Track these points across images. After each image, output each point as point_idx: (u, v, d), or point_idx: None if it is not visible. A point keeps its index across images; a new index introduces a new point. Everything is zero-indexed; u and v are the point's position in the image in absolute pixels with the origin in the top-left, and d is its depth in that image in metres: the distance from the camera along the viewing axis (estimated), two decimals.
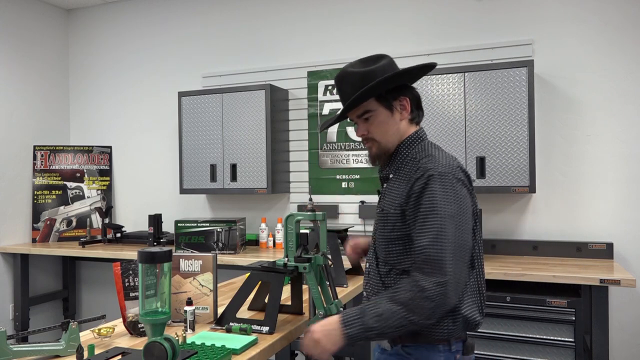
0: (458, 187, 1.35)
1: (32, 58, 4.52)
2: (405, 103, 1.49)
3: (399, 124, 1.50)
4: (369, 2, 3.77)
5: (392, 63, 1.50)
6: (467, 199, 1.38)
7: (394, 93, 1.47)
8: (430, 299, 1.27)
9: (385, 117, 1.48)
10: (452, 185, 1.34)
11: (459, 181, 1.37)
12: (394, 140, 1.50)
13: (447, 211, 1.32)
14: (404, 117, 1.50)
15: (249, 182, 3.75)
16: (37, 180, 4.44)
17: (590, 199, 3.22)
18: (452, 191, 1.34)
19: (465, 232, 1.34)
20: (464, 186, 1.38)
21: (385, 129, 1.49)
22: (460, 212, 1.33)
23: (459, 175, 1.38)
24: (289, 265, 1.66)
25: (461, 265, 1.32)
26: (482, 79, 3.13)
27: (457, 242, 1.31)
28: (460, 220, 1.33)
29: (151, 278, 1.20)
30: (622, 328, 3.13)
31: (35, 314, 4.41)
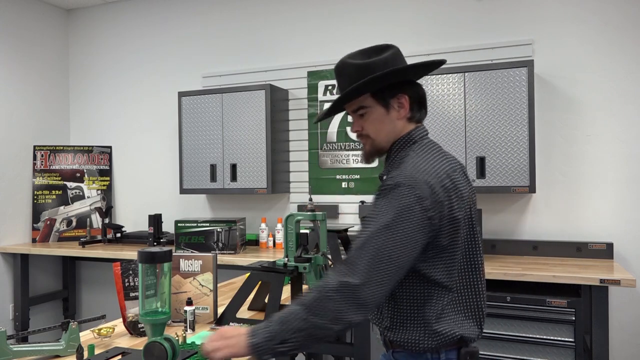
0: (408, 201, 1.24)
1: (32, 58, 4.52)
2: (404, 101, 1.40)
3: (395, 122, 1.41)
4: (369, 2, 3.77)
5: (396, 56, 1.41)
6: (414, 213, 1.24)
7: (392, 90, 1.39)
8: (332, 299, 1.19)
9: (381, 114, 1.41)
10: (400, 197, 1.25)
11: (413, 195, 1.25)
12: (389, 139, 1.43)
13: (381, 221, 1.24)
14: (401, 115, 1.41)
15: (249, 182, 3.75)
16: (37, 180, 4.44)
17: (590, 199, 3.22)
18: (397, 203, 1.24)
19: (396, 246, 1.22)
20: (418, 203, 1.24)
21: (379, 127, 1.42)
22: (397, 224, 1.23)
23: (417, 190, 1.25)
24: (289, 265, 1.66)
25: (379, 275, 1.21)
26: (482, 79, 3.13)
27: (382, 253, 1.21)
28: (395, 233, 1.23)
29: (151, 278, 1.20)
30: (622, 328, 3.13)
31: (35, 314, 4.41)
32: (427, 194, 1.25)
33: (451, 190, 1.30)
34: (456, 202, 1.30)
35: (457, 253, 1.32)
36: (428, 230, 1.26)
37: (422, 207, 1.24)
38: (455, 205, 1.30)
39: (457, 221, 1.30)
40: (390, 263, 1.22)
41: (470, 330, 1.34)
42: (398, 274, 1.24)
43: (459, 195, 1.32)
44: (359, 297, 1.20)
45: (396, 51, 1.42)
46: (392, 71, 1.36)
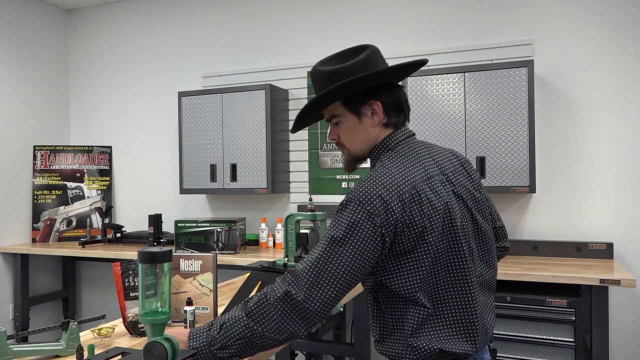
0: (358, 216, 1.21)
1: (32, 58, 4.52)
2: (376, 107, 1.34)
3: (369, 130, 1.36)
4: (369, 2, 3.77)
5: (370, 59, 1.33)
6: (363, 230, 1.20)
7: (363, 96, 1.33)
8: (275, 307, 1.20)
9: (353, 122, 1.36)
10: (351, 213, 1.22)
11: (364, 212, 1.21)
12: (365, 147, 1.38)
13: (331, 237, 1.22)
14: (375, 122, 1.35)
15: (249, 182, 3.75)
16: (37, 180, 4.44)
17: (590, 199, 3.22)
18: (348, 219, 1.22)
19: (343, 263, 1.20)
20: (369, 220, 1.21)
21: (352, 136, 1.38)
22: (345, 241, 1.20)
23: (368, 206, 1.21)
24: (289, 265, 1.66)
25: (322, 291, 1.19)
26: (482, 79, 3.13)
27: (327, 269, 1.20)
28: (343, 250, 1.20)
29: (151, 278, 1.20)
30: (622, 328, 3.13)
31: (35, 314, 4.41)
32: (380, 210, 1.21)
33: (414, 203, 1.24)
34: (418, 215, 1.23)
35: (422, 268, 1.25)
36: (380, 247, 1.22)
37: (373, 224, 1.21)
38: (417, 218, 1.23)
39: (421, 235, 1.24)
40: (335, 279, 1.20)
41: (456, 345, 1.26)
42: (344, 289, 1.22)
43: (429, 205, 1.25)
44: (301, 310, 1.19)
45: (369, 54, 1.34)
46: (353, 80, 1.29)
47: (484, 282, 1.38)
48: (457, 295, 1.28)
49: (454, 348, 1.26)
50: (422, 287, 1.26)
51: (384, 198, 1.22)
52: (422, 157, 1.35)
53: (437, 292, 1.27)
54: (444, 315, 1.28)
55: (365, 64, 1.32)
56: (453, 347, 1.26)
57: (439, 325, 1.27)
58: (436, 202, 1.27)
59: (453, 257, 1.28)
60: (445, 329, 1.27)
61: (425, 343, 1.26)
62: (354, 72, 1.30)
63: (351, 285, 1.23)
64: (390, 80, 1.38)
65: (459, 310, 1.28)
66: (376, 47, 1.37)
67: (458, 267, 1.28)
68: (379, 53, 1.37)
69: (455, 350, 1.26)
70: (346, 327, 3.56)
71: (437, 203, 1.27)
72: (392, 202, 1.22)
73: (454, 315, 1.28)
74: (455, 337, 1.27)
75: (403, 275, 1.26)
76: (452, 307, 1.28)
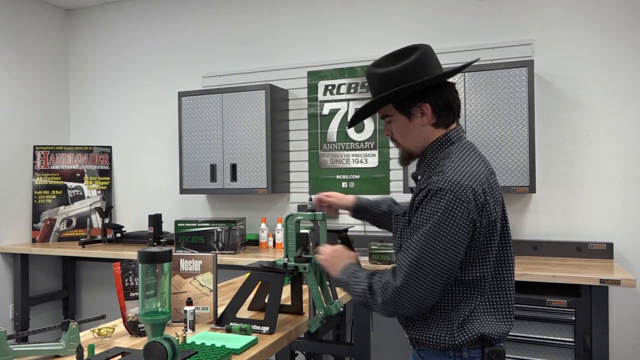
0: (452, 206, 1.28)
1: (32, 58, 4.52)
2: (425, 109, 1.41)
3: (420, 129, 1.44)
4: (369, 3, 3.77)
5: (419, 61, 1.40)
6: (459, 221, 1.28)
7: (412, 99, 1.41)
8: (379, 294, 1.34)
9: (403, 122, 1.45)
10: (444, 202, 1.28)
11: (457, 200, 1.28)
12: (417, 145, 1.46)
13: (427, 227, 1.29)
14: (425, 122, 1.43)
15: (249, 182, 3.75)
16: (37, 180, 4.44)
17: (590, 199, 3.22)
18: (441, 207, 1.28)
19: (440, 250, 1.28)
20: (462, 206, 1.28)
21: (404, 134, 1.46)
22: (441, 229, 1.28)
23: (461, 194, 1.28)
24: (289, 265, 1.66)
25: (419, 279, 1.29)
26: (482, 79, 3.13)
27: (424, 257, 1.28)
28: (438, 237, 1.28)
29: (151, 278, 1.20)
30: (622, 328, 3.13)
31: (35, 314, 4.41)
32: (470, 198, 1.29)
33: (489, 194, 1.34)
34: (493, 206, 1.34)
35: (491, 255, 1.36)
36: (471, 233, 1.31)
37: (466, 211, 1.29)
38: (492, 208, 1.34)
39: (494, 224, 1.35)
40: (432, 267, 1.28)
41: (496, 328, 1.36)
42: (442, 277, 1.30)
43: (495, 198, 1.36)
44: (399, 298, 1.30)
45: (420, 55, 1.42)
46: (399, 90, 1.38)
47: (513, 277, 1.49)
48: (502, 280, 1.40)
49: (491, 331, 1.36)
50: (486, 274, 1.36)
51: (472, 187, 1.31)
52: (479, 155, 1.45)
53: (491, 278, 1.38)
54: (490, 299, 1.38)
55: (414, 67, 1.40)
56: (491, 329, 1.36)
57: (486, 310, 1.37)
58: (498, 196, 1.39)
59: (503, 244, 1.40)
60: (490, 314, 1.37)
61: (474, 328, 1.35)
62: (403, 76, 1.39)
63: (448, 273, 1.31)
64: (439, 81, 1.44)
65: (502, 293, 1.39)
66: (427, 47, 1.45)
67: (505, 253, 1.40)
68: (430, 53, 1.45)
69: (493, 333, 1.36)
70: (346, 327, 3.56)
71: (499, 198, 1.39)
72: (478, 190, 1.31)
73: (498, 299, 1.39)
74: (495, 320, 1.38)
75: (477, 263, 1.35)
76: (497, 291, 1.39)
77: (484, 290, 1.37)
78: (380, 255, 3.10)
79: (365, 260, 3.08)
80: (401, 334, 3.62)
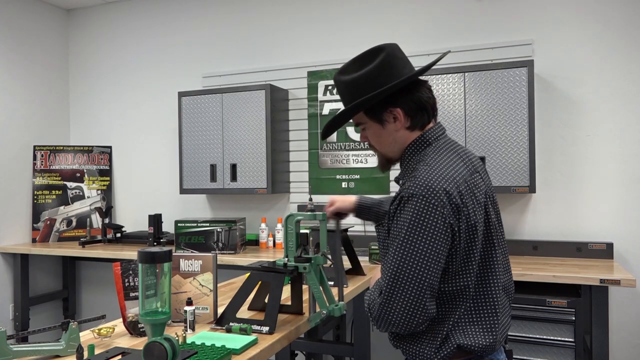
0: (425, 212, 1.22)
1: (32, 58, 4.52)
2: (397, 114, 1.36)
3: (395, 134, 1.39)
4: (369, 3, 3.77)
5: (385, 63, 1.35)
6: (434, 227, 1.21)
7: (382, 105, 1.36)
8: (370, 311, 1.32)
9: (377, 129, 1.40)
10: (417, 208, 1.22)
11: (430, 205, 1.22)
12: (394, 150, 1.42)
13: (402, 238, 1.24)
14: (398, 127, 1.38)
15: (249, 182, 3.75)
16: (37, 180, 4.44)
17: (590, 199, 3.22)
18: (414, 215, 1.22)
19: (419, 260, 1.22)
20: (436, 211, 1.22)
21: (379, 140, 1.43)
22: (416, 238, 1.22)
23: (434, 199, 1.22)
24: (289, 265, 1.66)
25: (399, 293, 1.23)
26: (482, 79, 3.13)
27: (403, 270, 1.23)
28: (415, 247, 1.22)
29: (151, 278, 1.20)
30: (622, 328, 3.13)
31: (35, 314, 4.41)
32: (445, 201, 1.22)
33: (466, 196, 1.26)
34: (472, 208, 1.27)
35: (474, 261, 1.28)
36: (450, 239, 1.24)
37: (441, 215, 1.22)
38: (471, 211, 1.26)
39: (475, 227, 1.27)
40: (412, 280, 1.22)
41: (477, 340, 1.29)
42: (425, 290, 1.23)
43: (475, 199, 1.29)
44: (383, 314, 1.27)
45: (385, 57, 1.35)
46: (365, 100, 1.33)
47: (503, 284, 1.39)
48: (487, 292, 1.32)
49: (477, 343, 1.28)
50: (472, 283, 1.29)
51: (446, 189, 1.24)
52: (460, 153, 1.38)
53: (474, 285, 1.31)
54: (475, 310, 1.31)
55: (380, 71, 1.34)
56: (476, 342, 1.28)
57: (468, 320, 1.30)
58: (480, 197, 1.31)
59: (487, 255, 1.32)
60: (474, 324, 1.30)
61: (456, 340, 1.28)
62: (369, 81, 1.34)
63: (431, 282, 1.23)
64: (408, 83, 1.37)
65: (485, 307, 1.31)
66: (392, 47, 1.39)
67: (491, 264, 1.33)
68: (395, 53, 1.39)
69: (478, 346, 1.28)
70: (346, 327, 3.56)
71: (480, 199, 1.31)
72: (453, 193, 1.24)
73: (481, 311, 1.31)
74: (479, 331, 1.29)
75: (458, 271, 1.28)
76: (480, 303, 1.31)
77: (467, 299, 1.29)
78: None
79: (365, 260, 3.08)
80: None
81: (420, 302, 1.23)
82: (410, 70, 1.38)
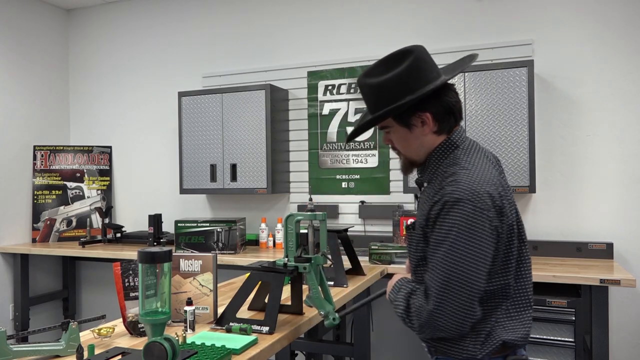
0: (473, 217, 1.22)
1: (32, 58, 4.52)
2: (426, 118, 1.35)
3: (421, 138, 1.38)
4: (369, 3, 3.77)
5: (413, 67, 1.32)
6: (482, 231, 1.23)
7: (411, 110, 1.34)
8: (415, 317, 1.29)
9: (404, 133, 1.39)
10: (465, 214, 1.23)
11: (477, 210, 1.23)
12: (420, 153, 1.41)
13: (450, 243, 1.23)
14: (426, 131, 1.37)
15: (249, 182, 3.75)
16: (37, 180, 4.44)
17: (590, 199, 3.22)
18: (462, 219, 1.23)
19: (468, 266, 1.22)
20: (482, 215, 1.23)
21: (405, 144, 1.41)
22: (466, 242, 1.22)
23: (480, 203, 1.23)
24: (289, 265, 1.66)
25: (452, 298, 1.23)
26: (482, 79, 3.13)
27: (452, 276, 1.22)
28: (465, 252, 1.22)
29: (151, 278, 1.20)
30: (622, 328, 3.13)
31: (35, 314, 4.41)
32: (489, 205, 1.24)
33: (504, 197, 1.30)
34: (508, 208, 1.30)
35: (513, 260, 1.32)
36: (496, 241, 1.26)
37: (487, 219, 1.24)
38: (508, 211, 1.30)
39: (512, 227, 1.31)
40: (463, 284, 1.23)
41: (518, 333, 1.34)
42: (475, 292, 1.24)
43: (508, 200, 1.32)
44: (432, 321, 1.25)
45: (413, 61, 1.33)
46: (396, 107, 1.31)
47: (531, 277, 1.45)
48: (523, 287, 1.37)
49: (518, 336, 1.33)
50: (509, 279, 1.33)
51: (489, 192, 1.26)
52: (486, 155, 1.41)
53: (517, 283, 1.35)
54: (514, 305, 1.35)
55: (409, 74, 1.32)
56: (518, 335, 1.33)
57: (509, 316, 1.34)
58: (510, 197, 1.34)
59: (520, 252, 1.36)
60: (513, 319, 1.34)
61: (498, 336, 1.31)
62: (398, 85, 1.32)
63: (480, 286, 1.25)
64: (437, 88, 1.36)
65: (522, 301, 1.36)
66: (420, 50, 1.36)
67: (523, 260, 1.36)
68: (424, 56, 1.36)
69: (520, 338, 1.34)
70: (346, 327, 3.56)
71: (511, 198, 1.34)
72: (495, 196, 1.26)
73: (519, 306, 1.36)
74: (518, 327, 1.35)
75: (501, 271, 1.31)
76: (519, 298, 1.36)
77: (508, 296, 1.33)
78: (380, 255, 3.10)
79: (365, 260, 3.08)
80: (401, 334, 3.62)
81: (470, 307, 1.24)
82: (437, 74, 1.37)
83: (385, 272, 2.83)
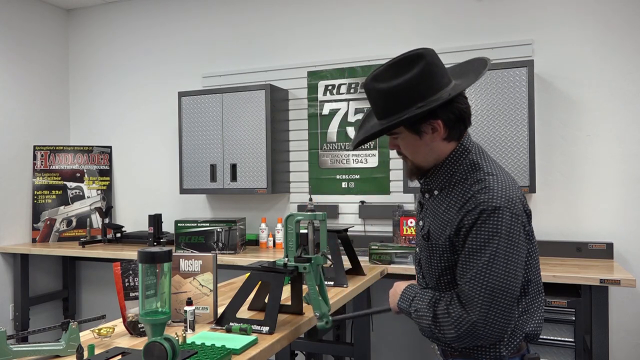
0: (512, 224, 1.23)
1: (32, 58, 4.52)
2: (437, 125, 1.32)
3: (431, 145, 1.36)
4: (369, 3, 3.77)
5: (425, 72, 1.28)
6: (520, 238, 1.24)
7: (423, 117, 1.31)
8: (452, 328, 1.26)
9: (413, 140, 1.36)
10: (504, 223, 1.22)
11: (514, 217, 1.24)
12: (428, 160, 1.38)
13: (492, 252, 1.22)
14: (436, 139, 1.34)
15: (249, 182, 3.75)
16: (37, 180, 4.44)
17: (590, 199, 3.22)
18: (503, 228, 1.22)
19: (510, 274, 1.22)
20: (518, 221, 1.24)
21: (414, 151, 1.38)
22: (508, 252, 1.22)
23: (515, 209, 1.24)
24: (289, 265, 1.66)
25: (496, 308, 1.22)
26: (482, 79, 3.13)
27: (496, 285, 1.21)
28: (507, 262, 1.22)
29: (151, 278, 1.20)
30: (622, 328, 3.13)
31: (35, 314, 4.41)
32: (521, 210, 1.28)
33: (524, 201, 1.34)
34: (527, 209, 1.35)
35: (532, 256, 1.35)
36: (528, 244, 1.30)
37: (522, 224, 1.27)
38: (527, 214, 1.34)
39: (531, 226, 1.36)
40: (507, 292, 1.23)
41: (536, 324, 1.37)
42: (515, 298, 1.25)
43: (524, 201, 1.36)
44: (478, 330, 1.23)
45: (424, 66, 1.28)
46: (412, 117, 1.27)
47: None
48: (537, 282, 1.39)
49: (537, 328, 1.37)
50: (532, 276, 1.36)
51: (519, 197, 1.30)
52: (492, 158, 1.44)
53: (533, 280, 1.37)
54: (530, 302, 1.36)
55: (421, 80, 1.28)
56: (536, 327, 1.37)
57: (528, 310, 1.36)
58: (524, 198, 1.37)
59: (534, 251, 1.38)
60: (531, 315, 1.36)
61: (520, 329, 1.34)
62: (409, 92, 1.28)
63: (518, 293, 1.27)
64: None
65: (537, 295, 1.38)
66: (431, 54, 1.31)
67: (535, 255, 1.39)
68: (435, 60, 1.31)
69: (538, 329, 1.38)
70: (346, 327, 3.56)
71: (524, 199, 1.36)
72: (523, 200, 1.32)
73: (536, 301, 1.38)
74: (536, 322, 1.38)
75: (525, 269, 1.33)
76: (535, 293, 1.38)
77: (529, 292, 1.35)
78: (380, 255, 3.10)
79: (365, 260, 3.08)
80: (401, 334, 3.62)
81: (511, 313, 1.25)
82: (448, 79, 1.33)
83: (385, 272, 2.83)
